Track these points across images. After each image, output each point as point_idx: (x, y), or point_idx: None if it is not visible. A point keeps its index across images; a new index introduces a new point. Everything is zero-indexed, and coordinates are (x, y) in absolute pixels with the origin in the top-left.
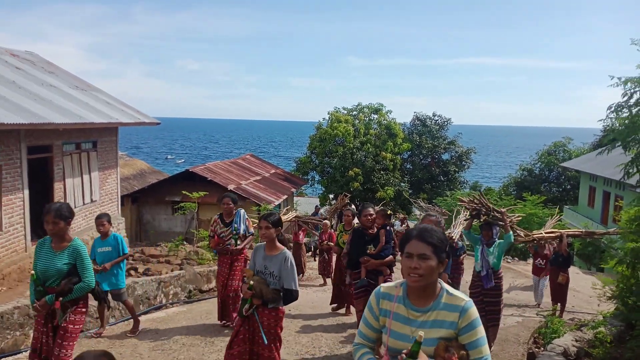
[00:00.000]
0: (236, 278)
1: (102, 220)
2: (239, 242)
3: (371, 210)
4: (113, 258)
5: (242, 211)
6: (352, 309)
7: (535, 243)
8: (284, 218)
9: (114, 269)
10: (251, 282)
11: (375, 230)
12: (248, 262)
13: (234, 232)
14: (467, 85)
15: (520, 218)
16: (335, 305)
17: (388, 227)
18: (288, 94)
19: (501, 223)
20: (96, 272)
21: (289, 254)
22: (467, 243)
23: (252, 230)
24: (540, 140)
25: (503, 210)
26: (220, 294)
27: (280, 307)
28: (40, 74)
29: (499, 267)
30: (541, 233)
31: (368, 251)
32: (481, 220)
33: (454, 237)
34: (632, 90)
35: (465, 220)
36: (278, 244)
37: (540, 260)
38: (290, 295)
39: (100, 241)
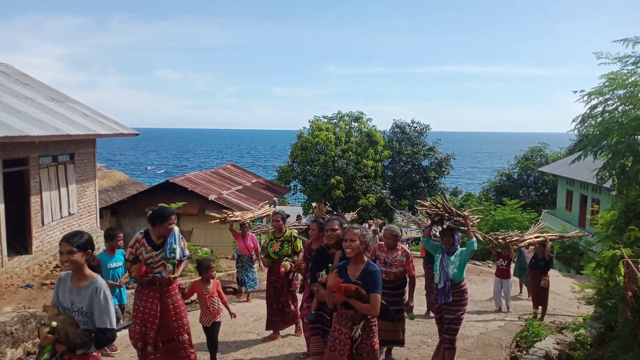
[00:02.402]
0: (172, 319)
1: (121, 236)
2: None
3: (336, 225)
4: (122, 274)
5: (177, 229)
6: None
7: (497, 244)
8: (258, 214)
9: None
10: (53, 324)
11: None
12: (177, 295)
13: (170, 256)
14: (446, 93)
15: (479, 219)
16: (271, 332)
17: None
18: (269, 103)
19: (463, 228)
20: (113, 287)
21: (102, 283)
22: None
23: (187, 252)
24: (517, 146)
25: (466, 213)
26: (150, 340)
27: (93, 353)
28: (15, 86)
29: (460, 279)
30: (531, 237)
31: (319, 279)
32: (444, 226)
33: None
34: (595, 102)
35: (425, 227)
36: (88, 272)
37: (502, 262)
38: (104, 336)
39: (109, 256)
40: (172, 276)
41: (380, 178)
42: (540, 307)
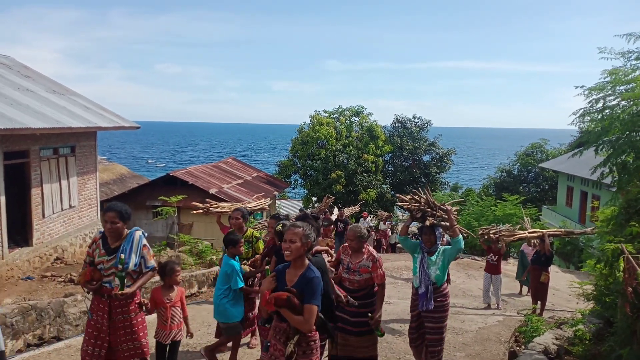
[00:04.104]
0: (122, 340)
1: (242, 242)
2: (126, 282)
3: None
4: None
5: (139, 233)
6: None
7: (487, 238)
8: (250, 206)
9: None
10: None
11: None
12: (130, 312)
13: (120, 266)
14: (447, 88)
15: (456, 211)
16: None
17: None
18: (270, 98)
19: (445, 224)
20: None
21: None
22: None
23: (152, 262)
24: (517, 142)
25: (449, 207)
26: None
27: None
28: (16, 78)
29: (443, 282)
30: (525, 233)
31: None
32: (426, 223)
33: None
34: (596, 97)
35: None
36: None
37: (493, 257)
38: None
39: (236, 261)
40: (119, 292)
41: (380, 173)
42: (539, 302)
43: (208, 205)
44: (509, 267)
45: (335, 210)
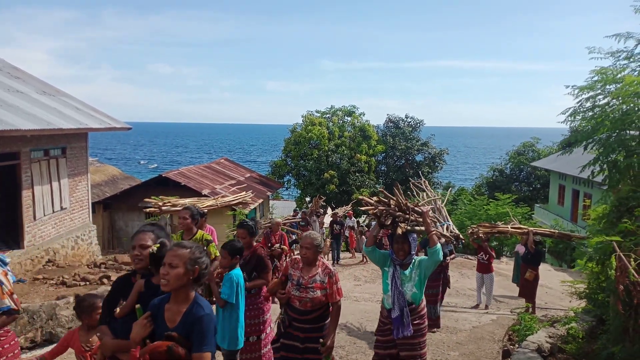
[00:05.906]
0: None
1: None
2: None
3: (149, 240)
4: None
5: None
6: None
7: (477, 237)
8: (222, 201)
9: None
10: None
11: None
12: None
13: None
14: (440, 88)
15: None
16: None
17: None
18: (263, 98)
19: (420, 228)
20: None
21: None
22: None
23: (6, 302)
24: (510, 141)
25: (424, 209)
26: None
27: None
28: (6, 80)
29: (420, 300)
30: (507, 227)
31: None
32: (398, 231)
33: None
34: (586, 96)
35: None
36: None
37: (484, 256)
38: None
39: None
40: None
41: (373, 173)
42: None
43: (159, 204)
44: (502, 265)
45: (329, 211)
